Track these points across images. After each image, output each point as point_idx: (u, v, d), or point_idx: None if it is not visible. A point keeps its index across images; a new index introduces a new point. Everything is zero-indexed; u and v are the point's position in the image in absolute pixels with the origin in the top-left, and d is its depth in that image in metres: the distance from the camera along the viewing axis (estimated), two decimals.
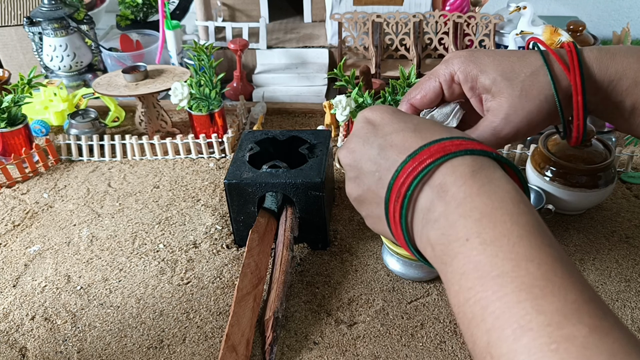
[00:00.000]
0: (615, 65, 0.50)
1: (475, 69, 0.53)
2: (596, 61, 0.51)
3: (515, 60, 0.52)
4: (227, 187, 0.75)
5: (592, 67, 0.51)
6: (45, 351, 0.66)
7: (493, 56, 0.53)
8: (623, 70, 0.50)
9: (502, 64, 0.52)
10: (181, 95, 0.96)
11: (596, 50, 0.52)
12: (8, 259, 0.81)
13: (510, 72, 0.52)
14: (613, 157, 0.79)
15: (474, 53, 0.54)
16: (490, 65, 0.52)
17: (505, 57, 0.53)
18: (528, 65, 0.52)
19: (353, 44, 1.24)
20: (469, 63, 0.53)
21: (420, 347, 0.65)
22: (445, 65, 0.54)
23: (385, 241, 0.73)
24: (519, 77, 0.51)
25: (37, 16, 1.21)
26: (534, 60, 0.52)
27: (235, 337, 0.62)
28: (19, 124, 0.98)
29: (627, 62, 0.50)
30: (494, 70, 0.52)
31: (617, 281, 0.73)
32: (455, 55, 0.54)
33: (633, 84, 0.50)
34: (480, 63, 0.53)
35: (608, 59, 0.51)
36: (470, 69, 0.53)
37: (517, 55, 0.53)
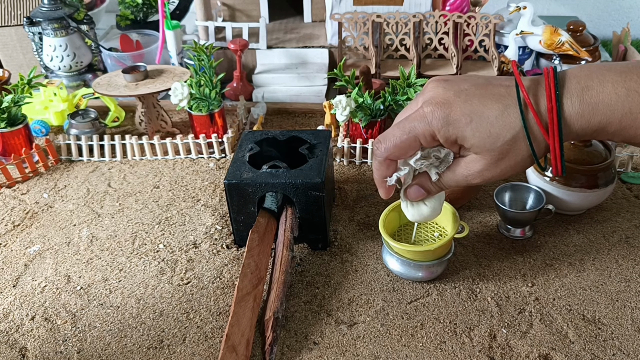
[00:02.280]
0: (598, 117, 0.48)
1: (454, 133, 0.52)
2: (577, 117, 0.49)
3: (494, 122, 0.50)
4: (227, 187, 0.75)
5: (574, 124, 0.49)
6: (45, 351, 0.66)
7: (470, 116, 0.51)
8: (607, 120, 0.48)
9: (480, 129, 0.51)
10: (181, 95, 0.96)
11: (578, 101, 0.49)
12: (8, 259, 0.81)
13: (488, 138, 0.51)
14: (613, 157, 0.79)
15: (451, 112, 0.51)
16: (468, 130, 0.51)
17: (484, 118, 0.51)
18: (507, 129, 0.50)
19: (353, 44, 1.24)
20: (447, 126, 0.51)
21: (420, 347, 0.65)
22: (423, 123, 0.52)
23: (385, 241, 0.73)
24: (496, 143, 0.51)
25: (37, 16, 1.21)
26: (513, 122, 0.50)
27: (235, 337, 0.62)
28: (19, 124, 0.98)
29: (611, 111, 0.48)
30: (472, 136, 0.51)
31: (617, 281, 0.73)
32: (433, 115, 0.52)
33: (619, 129, 0.49)
34: (458, 127, 0.51)
35: (590, 112, 0.48)
36: (450, 132, 0.52)
37: (495, 112, 0.51)
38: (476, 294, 0.71)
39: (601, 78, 0.48)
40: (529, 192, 0.81)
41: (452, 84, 0.53)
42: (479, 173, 0.53)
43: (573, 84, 0.49)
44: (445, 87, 0.53)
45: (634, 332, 0.65)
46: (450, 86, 0.53)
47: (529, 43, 1.19)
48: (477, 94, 0.52)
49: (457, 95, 0.52)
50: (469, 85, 0.52)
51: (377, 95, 0.98)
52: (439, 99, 0.52)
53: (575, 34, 1.18)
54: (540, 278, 0.73)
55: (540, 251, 0.78)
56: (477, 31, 1.21)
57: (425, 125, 0.52)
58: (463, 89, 0.52)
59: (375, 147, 0.55)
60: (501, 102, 0.51)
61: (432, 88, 0.54)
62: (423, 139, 0.53)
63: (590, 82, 0.49)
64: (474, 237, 0.81)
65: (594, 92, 0.48)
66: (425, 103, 0.52)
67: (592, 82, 0.49)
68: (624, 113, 0.48)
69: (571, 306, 0.69)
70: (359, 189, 0.92)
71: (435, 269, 0.72)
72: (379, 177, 0.58)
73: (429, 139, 0.53)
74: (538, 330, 0.66)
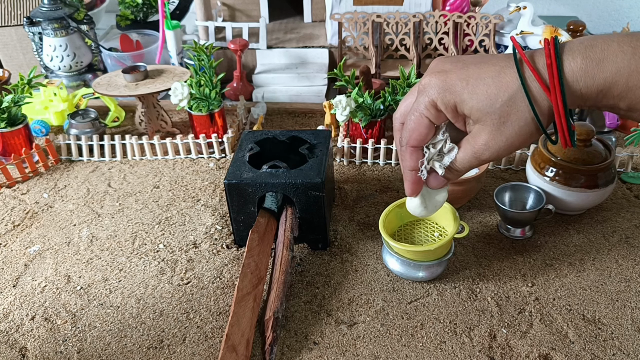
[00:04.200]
0: (603, 73, 0.46)
1: (452, 98, 0.51)
2: (581, 73, 0.46)
3: (490, 82, 0.49)
4: (227, 187, 0.75)
5: (577, 81, 0.46)
6: (45, 351, 0.66)
7: (467, 80, 0.50)
8: (613, 78, 0.46)
9: (477, 90, 0.49)
10: (181, 95, 0.96)
11: (580, 57, 0.46)
12: (8, 259, 0.81)
13: (486, 99, 0.49)
14: (613, 157, 0.79)
15: (447, 78, 0.51)
16: (465, 93, 0.50)
17: (480, 79, 0.49)
18: (504, 88, 0.49)
19: (353, 44, 1.24)
20: (444, 92, 0.51)
21: (420, 347, 0.65)
22: (423, 96, 0.52)
23: (385, 241, 0.73)
24: (495, 104, 0.49)
25: (37, 16, 1.21)
26: (510, 81, 0.49)
27: (235, 337, 0.62)
28: (19, 124, 0.98)
29: (617, 68, 0.45)
30: (469, 98, 0.50)
31: (617, 281, 0.73)
32: (430, 84, 0.52)
33: (625, 90, 0.46)
34: (455, 91, 0.50)
35: (594, 68, 0.46)
36: (447, 98, 0.51)
37: (491, 74, 0.49)
38: (476, 294, 0.71)
39: (606, 39, 0.46)
40: (529, 192, 0.81)
41: (452, 57, 0.54)
42: (485, 145, 0.51)
43: (575, 44, 0.47)
44: (444, 60, 0.53)
45: (634, 332, 0.65)
46: (449, 59, 0.53)
47: (529, 43, 1.19)
48: (474, 62, 0.51)
49: (453, 65, 0.52)
50: (468, 57, 0.53)
51: (377, 95, 0.98)
52: (437, 69, 0.52)
53: (575, 34, 1.18)
54: (540, 278, 0.73)
55: (540, 251, 0.78)
56: (477, 31, 1.21)
57: (424, 97, 0.52)
58: (462, 60, 0.53)
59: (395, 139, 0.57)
60: (497, 65, 0.50)
61: (433, 64, 0.54)
62: (428, 113, 0.52)
63: (594, 42, 0.47)
64: (474, 237, 0.81)
65: (598, 50, 0.46)
66: (424, 78, 0.53)
67: (596, 42, 0.46)
68: (630, 71, 0.45)
69: (571, 306, 0.69)
70: (359, 189, 0.92)
71: (435, 269, 0.72)
72: (404, 167, 0.57)
73: (433, 112, 0.52)
74: (538, 330, 0.66)
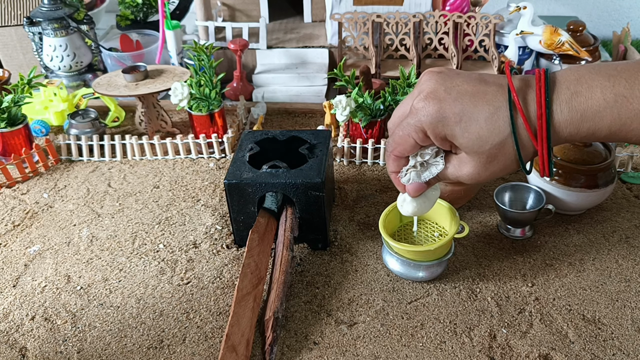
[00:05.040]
0: (586, 124, 0.49)
1: (443, 130, 0.52)
2: (566, 124, 0.49)
3: (483, 125, 0.51)
4: (227, 187, 0.75)
5: (562, 130, 0.50)
6: (45, 351, 0.66)
7: (460, 115, 0.51)
8: (595, 126, 0.49)
9: (469, 129, 0.51)
10: (181, 95, 0.96)
11: (567, 108, 0.49)
12: (8, 259, 0.81)
13: (477, 140, 0.51)
14: (613, 157, 0.79)
15: (440, 109, 0.51)
16: (457, 129, 0.51)
17: (473, 120, 0.51)
18: (496, 133, 0.51)
19: (353, 44, 1.24)
20: (437, 123, 0.52)
21: (420, 347, 0.65)
22: (414, 119, 0.53)
23: (385, 241, 0.72)
24: (485, 146, 0.51)
25: (37, 16, 1.21)
26: (502, 126, 0.50)
27: (235, 337, 0.62)
28: (19, 124, 0.98)
29: (599, 118, 0.48)
30: (461, 136, 0.52)
31: (617, 281, 0.73)
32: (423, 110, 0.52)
33: (608, 134, 0.49)
34: (448, 125, 0.52)
35: (579, 120, 0.49)
36: (439, 129, 0.52)
37: (485, 115, 0.51)
38: (476, 294, 0.71)
39: (590, 83, 0.49)
40: (529, 192, 0.81)
41: (444, 77, 0.53)
42: (468, 175, 0.55)
43: (563, 89, 0.49)
44: (437, 80, 0.53)
45: (634, 332, 0.65)
46: (443, 80, 0.53)
47: (529, 43, 1.19)
48: (468, 91, 0.52)
49: (448, 92, 0.52)
50: (462, 81, 0.52)
51: (377, 95, 0.98)
52: (430, 94, 0.52)
53: (575, 34, 1.18)
54: (540, 278, 0.73)
55: (540, 251, 0.78)
56: (477, 31, 1.21)
57: (416, 121, 0.53)
58: (455, 85, 0.52)
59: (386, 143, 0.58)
60: (492, 104, 0.51)
61: (425, 81, 0.54)
62: (415, 136, 0.54)
63: (579, 87, 0.49)
64: (474, 237, 0.81)
65: (582, 99, 0.49)
66: (417, 98, 0.53)
67: (581, 88, 0.49)
68: (612, 119, 0.48)
69: (571, 306, 0.69)
70: (359, 189, 0.92)
71: (435, 269, 0.72)
72: (388, 170, 0.61)
73: (421, 135, 0.53)
74: (538, 330, 0.66)
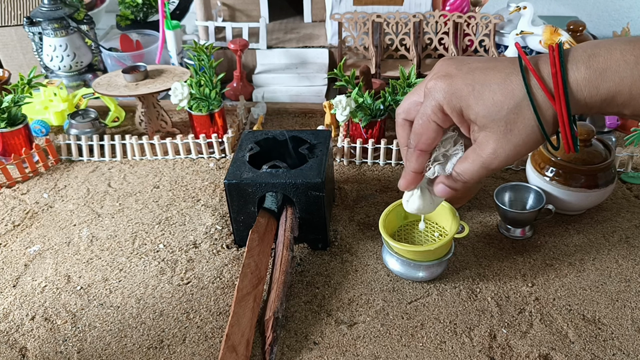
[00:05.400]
0: (606, 83, 0.47)
1: (458, 103, 0.51)
2: (584, 83, 0.47)
3: (496, 89, 0.50)
4: (227, 187, 0.75)
5: (581, 91, 0.48)
6: (45, 351, 0.66)
7: (472, 85, 0.50)
8: (616, 88, 0.47)
9: (483, 96, 0.50)
10: (181, 95, 0.96)
11: (584, 66, 0.47)
12: (8, 259, 0.81)
13: (492, 106, 0.50)
14: (613, 157, 0.79)
15: (452, 82, 0.51)
16: (471, 98, 0.50)
17: (486, 86, 0.50)
18: (510, 96, 0.49)
19: (353, 44, 1.24)
20: (451, 97, 0.51)
21: (420, 347, 0.65)
22: (430, 99, 0.52)
23: (385, 241, 0.72)
24: (501, 112, 0.50)
25: (37, 16, 1.21)
26: (515, 89, 0.49)
27: (235, 337, 0.62)
28: (19, 124, 0.98)
29: (620, 78, 0.46)
30: (475, 104, 0.50)
31: (617, 281, 0.73)
32: (435, 88, 0.52)
33: (629, 98, 0.47)
34: (461, 96, 0.51)
35: (597, 78, 0.47)
36: (454, 103, 0.51)
37: (497, 80, 0.50)
38: (476, 294, 0.71)
39: (608, 47, 0.47)
40: (529, 192, 0.81)
41: (457, 60, 0.53)
42: (493, 153, 0.51)
43: (579, 52, 0.48)
44: (449, 63, 0.53)
45: (634, 332, 0.65)
46: (454, 62, 0.53)
47: (529, 43, 1.19)
48: (480, 66, 0.51)
49: (459, 69, 0.52)
50: (473, 61, 0.53)
51: (377, 95, 0.98)
52: (442, 72, 0.52)
53: (575, 34, 1.18)
54: (540, 278, 0.73)
55: (540, 251, 0.78)
56: (477, 31, 1.21)
57: (431, 100, 0.52)
58: (466, 63, 0.52)
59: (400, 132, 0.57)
60: (503, 72, 0.50)
61: (437, 66, 0.54)
62: (435, 117, 0.53)
63: (597, 49, 0.48)
64: (474, 237, 0.81)
65: (602, 59, 0.47)
66: (430, 81, 0.53)
67: (599, 50, 0.47)
68: (633, 80, 0.46)
69: (571, 306, 0.69)
70: (359, 189, 0.92)
71: (435, 269, 0.72)
72: (408, 168, 0.57)
73: (440, 116, 0.52)
74: (538, 330, 0.66)
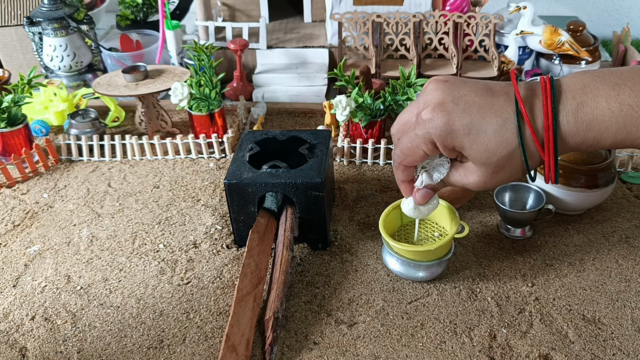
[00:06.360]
0: (592, 133, 0.50)
1: (451, 142, 0.53)
2: (572, 134, 0.50)
3: (491, 137, 0.51)
4: (227, 187, 0.75)
5: (569, 140, 0.51)
6: (45, 351, 0.66)
7: (469, 128, 0.51)
8: (601, 135, 0.50)
9: (478, 141, 0.52)
10: (181, 95, 0.96)
11: (573, 118, 0.50)
12: (8, 259, 0.81)
13: (485, 152, 0.52)
14: (613, 157, 0.79)
15: (449, 121, 0.52)
16: (466, 141, 0.52)
17: (482, 131, 0.51)
18: (504, 145, 0.51)
19: (353, 44, 1.24)
20: (446, 135, 0.52)
21: (420, 347, 0.65)
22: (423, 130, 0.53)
23: (385, 241, 0.72)
24: (493, 158, 0.52)
25: (37, 16, 1.21)
26: (510, 139, 0.51)
27: (235, 337, 0.62)
28: (19, 124, 0.98)
29: (605, 127, 0.49)
30: (469, 148, 0.52)
31: (617, 281, 0.73)
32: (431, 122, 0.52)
33: (614, 142, 0.50)
34: (457, 137, 0.52)
35: (585, 130, 0.50)
36: (448, 141, 0.53)
37: (493, 127, 0.51)
38: (476, 294, 0.71)
39: (595, 92, 0.50)
40: (529, 192, 0.81)
41: (451, 87, 0.53)
42: (474, 184, 0.56)
43: (569, 99, 0.50)
44: (444, 90, 0.53)
45: (634, 332, 0.66)
46: (450, 90, 0.53)
47: (529, 43, 1.19)
48: (476, 102, 0.52)
49: (455, 103, 0.52)
50: (469, 91, 0.52)
51: (377, 95, 0.98)
52: (438, 105, 0.52)
53: (575, 34, 1.18)
54: (540, 278, 0.73)
55: (540, 251, 0.78)
56: (477, 31, 1.21)
57: (424, 133, 0.53)
58: (462, 95, 0.52)
59: (392, 153, 0.59)
60: (500, 116, 0.51)
61: (431, 90, 0.54)
62: (425, 147, 0.54)
63: (584, 97, 0.50)
64: (474, 237, 0.81)
65: (588, 109, 0.50)
66: (424, 110, 0.53)
67: (587, 98, 0.50)
68: (617, 128, 0.49)
69: (571, 306, 0.69)
70: (359, 189, 0.92)
71: (435, 269, 0.72)
72: (397, 179, 0.62)
73: (430, 147, 0.54)
74: (538, 330, 0.66)
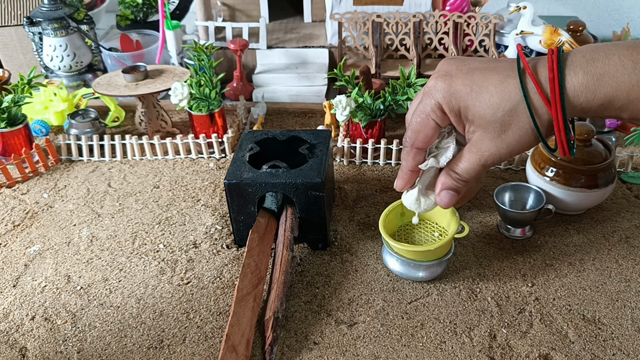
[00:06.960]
0: (603, 88, 0.47)
1: (456, 103, 0.52)
2: (582, 88, 0.47)
3: (493, 91, 0.50)
4: (227, 187, 0.75)
5: (577, 96, 0.48)
6: (45, 351, 0.66)
7: (471, 86, 0.51)
8: (613, 93, 0.47)
9: (480, 98, 0.51)
10: (181, 95, 0.96)
11: (582, 72, 0.47)
12: (8, 259, 0.81)
13: (488, 108, 0.50)
14: (613, 157, 0.79)
15: (452, 82, 0.52)
16: (469, 99, 0.51)
17: (484, 88, 0.51)
18: (506, 99, 0.50)
19: (353, 44, 1.24)
20: (450, 97, 0.52)
21: (420, 347, 0.65)
22: (429, 98, 0.53)
23: (385, 241, 0.73)
24: (497, 113, 0.50)
25: (37, 16, 1.21)
26: (512, 92, 0.50)
27: (235, 337, 0.62)
28: (19, 124, 0.98)
29: (617, 83, 0.46)
30: (473, 105, 0.51)
31: (617, 281, 0.73)
32: (435, 87, 0.53)
33: (626, 103, 0.47)
34: (460, 97, 0.52)
35: (595, 83, 0.47)
36: (452, 103, 0.52)
37: (494, 82, 0.51)
38: (476, 294, 0.71)
39: (607, 52, 0.47)
40: (529, 192, 0.81)
41: (457, 59, 0.54)
42: (488, 151, 0.52)
43: (577, 57, 0.48)
44: (450, 62, 0.54)
45: (634, 332, 0.66)
46: (455, 61, 0.54)
47: (529, 43, 1.19)
48: (479, 67, 0.52)
49: (459, 69, 0.53)
50: (473, 61, 0.54)
51: (377, 95, 0.98)
52: (442, 72, 0.53)
53: (575, 34, 1.18)
54: (540, 278, 0.73)
55: (540, 251, 0.78)
56: (477, 31, 1.21)
57: (430, 99, 0.53)
58: (467, 63, 0.53)
59: (404, 138, 0.57)
60: (501, 74, 0.51)
61: (439, 65, 0.55)
62: (434, 115, 0.54)
63: (595, 54, 0.48)
64: (474, 237, 0.81)
65: (599, 64, 0.47)
66: (430, 81, 0.54)
67: (598, 55, 0.47)
68: (631, 85, 0.46)
69: (571, 306, 0.69)
70: (359, 189, 0.92)
71: (435, 269, 0.72)
72: (404, 167, 0.58)
73: (439, 114, 0.54)
74: (538, 330, 0.66)
